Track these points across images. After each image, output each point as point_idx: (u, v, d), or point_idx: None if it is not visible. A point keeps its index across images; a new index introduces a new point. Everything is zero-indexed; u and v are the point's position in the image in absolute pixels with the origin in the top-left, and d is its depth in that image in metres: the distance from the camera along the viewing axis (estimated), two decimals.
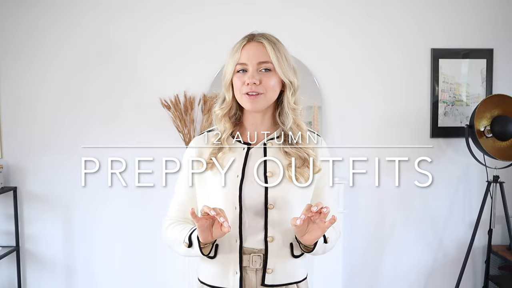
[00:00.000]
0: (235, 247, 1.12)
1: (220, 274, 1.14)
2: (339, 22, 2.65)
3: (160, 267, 2.70)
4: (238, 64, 1.12)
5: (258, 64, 1.11)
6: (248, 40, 1.14)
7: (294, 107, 1.16)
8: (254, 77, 1.09)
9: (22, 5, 2.59)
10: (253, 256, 1.11)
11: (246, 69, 1.12)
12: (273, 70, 1.12)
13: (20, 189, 2.66)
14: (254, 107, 1.12)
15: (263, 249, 1.12)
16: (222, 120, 1.17)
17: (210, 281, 1.16)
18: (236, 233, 1.12)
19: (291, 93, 1.15)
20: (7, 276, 2.70)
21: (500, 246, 2.71)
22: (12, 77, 2.62)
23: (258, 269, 1.12)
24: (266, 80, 1.10)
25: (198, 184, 1.18)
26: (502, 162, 2.49)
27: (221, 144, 1.15)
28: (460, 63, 2.67)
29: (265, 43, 1.12)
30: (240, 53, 1.12)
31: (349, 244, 2.68)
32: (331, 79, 2.65)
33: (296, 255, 1.15)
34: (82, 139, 2.63)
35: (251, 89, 1.09)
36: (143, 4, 2.61)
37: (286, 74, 1.12)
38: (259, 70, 1.11)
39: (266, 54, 1.11)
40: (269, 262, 1.12)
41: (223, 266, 1.13)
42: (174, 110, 2.56)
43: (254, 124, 1.18)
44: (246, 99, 1.11)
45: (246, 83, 1.10)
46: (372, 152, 2.70)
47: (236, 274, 1.12)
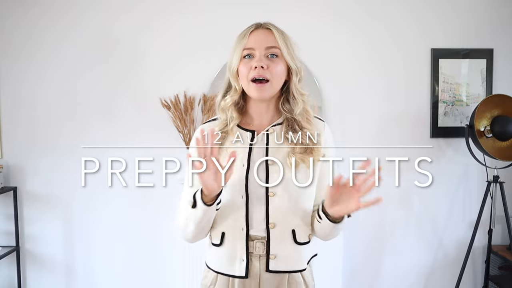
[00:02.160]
0: (241, 235, 1.13)
1: (227, 262, 1.15)
2: (339, 22, 2.65)
3: (160, 267, 2.70)
4: (245, 49, 1.12)
5: (266, 49, 1.11)
6: (256, 27, 1.14)
7: (303, 92, 1.17)
8: (262, 61, 1.09)
9: (22, 5, 2.59)
10: (257, 243, 1.13)
11: (253, 54, 1.12)
12: (280, 56, 1.12)
13: (20, 189, 2.66)
14: (261, 96, 1.11)
15: (266, 236, 1.13)
16: (230, 110, 1.16)
17: (217, 267, 1.18)
18: (243, 221, 1.13)
19: (298, 79, 1.16)
20: (7, 276, 2.70)
21: (500, 246, 2.71)
22: (12, 77, 2.62)
23: (261, 256, 1.14)
24: (273, 66, 1.10)
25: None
26: (502, 162, 2.49)
27: (227, 133, 1.15)
28: (460, 63, 2.67)
29: (273, 30, 1.13)
30: (248, 39, 1.12)
31: (349, 244, 2.68)
32: (331, 79, 2.65)
33: (300, 242, 1.15)
34: (82, 139, 2.63)
35: (259, 73, 1.09)
36: (143, 4, 2.61)
37: (293, 59, 1.13)
38: (266, 56, 1.11)
39: (274, 39, 1.11)
40: (272, 248, 1.13)
41: (230, 253, 1.15)
42: (174, 110, 2.56)
43: (259, 113, 1.18)
44: (254, 87, 1.11)
45: (254, 66, 1.09)
46: (372, 152, 2.70)
47: (242, 262, 1.13)
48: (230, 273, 1.15)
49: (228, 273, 1.15)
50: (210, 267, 1.20)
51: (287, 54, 1.12)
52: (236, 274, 1.14)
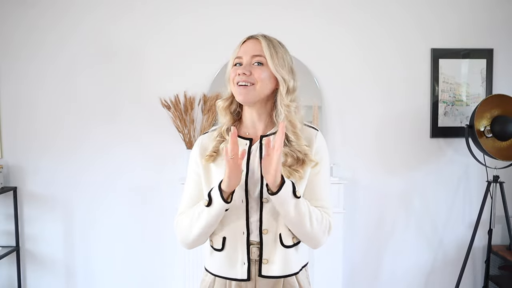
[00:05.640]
0: (242, 239, 1.16)
1: (227, 266, 1.18)
2: (340, 23, 2.65)
3: (160, 267, 2.70)
4: (236, 57, 1.19)
5: (252, 57, 1.17)
6: (248, 38, 1.21)
7: (287, 103, 1.18)
8: (245, 68, 1.16)
9: (22, 5, 2.59)
10: (252, 248, 1.16)
11: (241, 63, 1.18)
12: (266, 64, 1.17)
13: (20, 189, 2.66)
14: (245, 98, 1.16)
15: (259, 242, 1.16)
16: (223, 112, 1.23)
17: (217, 271, 1.20)
18: (244, 225, 1.16)
19: (285, 90, 1.18)
20: (7, 276, 2.70)
21: (500, 246, 2.71)
22: (12, 77, 2.62)
23: (256, 260, 1.17)
24: (258, 72, 1.16)
25: (203, 176, 1.21)
26: (502, 162, 2.49)
27: (224, 137, 1.20)
28: (460, 63, 2.67)
29: (261, 39, 1.18)
30: (240, 49, 1.19)
31: (349, 244, 2.68)
32: (331, 79, 2.65)
33: (286, 245, 1.17)
34: (82, 139, 2.64)
35: (242, 79, 1.15)
36: (143, 4, 2.61)
37: (277, 69, 1.16)
38: (253, 64, 1.17)
39: (260, 48, 1.17)
40: (264, 253, 1.16)
41: (231, 257, 1.17)
42: (174, 110, 2.56)
43: (252, 121, 1.23)
44: (237, 90, 1.16)
45: (238, 72, 1.16)
46: (372, 152, 2.70)
47: (244, 265, 1.16)
48: (231, 276, 1.17)
49: (229, 277, 1.18)
50: (209, 271, 1.23)
51: (271, 62, 1.16)
52: (238, 277, 1.16)
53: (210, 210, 1.11)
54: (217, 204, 1.10)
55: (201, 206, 1.14)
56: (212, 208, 1.11)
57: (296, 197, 1.09)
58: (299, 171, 1.14)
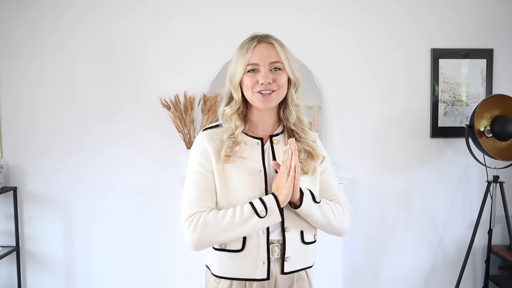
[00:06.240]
0: (262, 239, 1.17)
1: (247, 266, 1.17)
2: (340, 23, 2.65)
3: (160, 267, 2.70)
4: (249, 64, 1.17)
5: (270, 64, 1.17)
6: (258, 41, 1.18)
7: (297, 103, 1.24)
8: (268, 77, 1.15)
9: (22, 5, 2.59)
10: (273, 247, 1.18)
11: (257, 69, 1.17)
12: (283, 69, 1.18)
13: (20, 189, 2.66)
14: (267, 106, 1.18)
15: (281, 240, 1.18)
16: (233, 118, 1.21)
17: (233, 273, 1.18)
18: None
19: (295, 90, 1.23)
20: (7, 276, 2.70)
21: (500, 246, 2.71)
22: (12, 77, 2.62)
23: (277, 259, 1.18)
24: (278, 78, 1.17)
25: (218, 175, 1.17)
26: (502, 162, 2.49)
27: (235, 139, 1.19)
28: (460, 63, 2.67)
29: (276, 44, 1.18)
30: (251, 54, 1.17)
31: (349, 244, 2.68)
32: (331, 79, 2.65)
33: (307, 242, 1.21)
34: (82, 139, 2.64)
35: (266, 88, 1.16)
36: (143, 4, 2.61)
37: (293, 71, 1.20)
38: (270, 70, 1.17)
39: (276, 54, 1.17)
40: (287, 251, 1.18)
41: (252, 257, 1.17)
42: (174, 110, 2.56)
43: (262, 121, 1.24)
44: (259, 98, 1.17)
45: (260, 82, 1.15)
46: (372, 152, 2.70)
47: (263, 264, 1.17)
48: (251, 277, 1.17)
49: (248, 277, 1.17)
50: (224, 276, 1.19)
51: (288, 67, 1.19)
52: (257, 277, 1.17)
53: (266, 221, 1.12)
54: (274, 217, 1.12)
55: (247, 213, 1.11)
56: (267, 219, 1.12)
57: (317, 202, 1.17)
58: (312, 164, 1.21)
